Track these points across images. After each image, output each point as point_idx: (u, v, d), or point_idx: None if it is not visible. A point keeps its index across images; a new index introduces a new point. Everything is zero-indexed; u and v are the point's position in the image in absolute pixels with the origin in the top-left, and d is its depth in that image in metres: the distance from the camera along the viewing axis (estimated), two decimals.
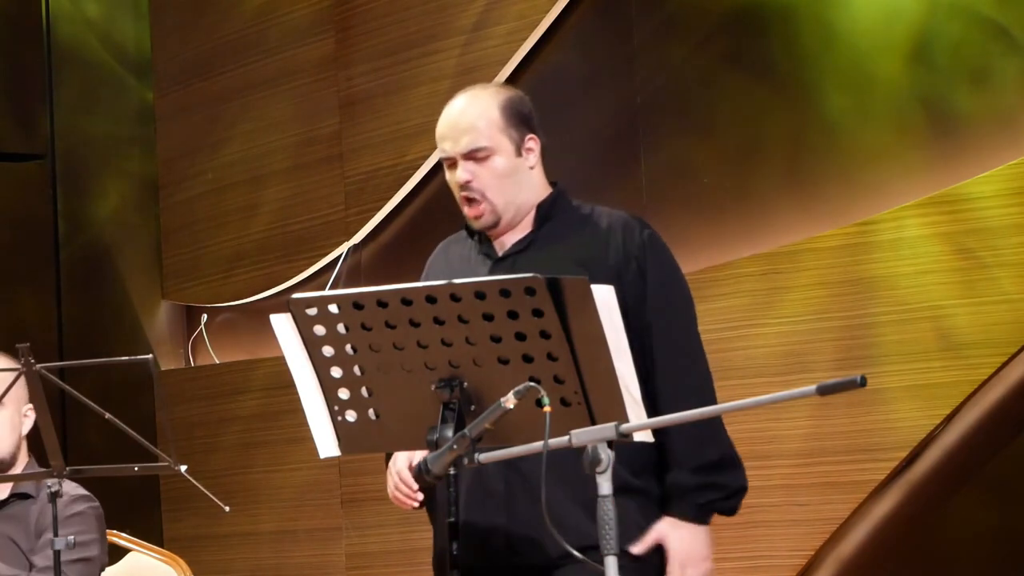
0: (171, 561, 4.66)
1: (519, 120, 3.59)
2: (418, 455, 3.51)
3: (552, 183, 3.66)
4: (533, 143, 3.61)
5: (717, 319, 5.26)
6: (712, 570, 3.51)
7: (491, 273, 3.54)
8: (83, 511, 4.44)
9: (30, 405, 4.44)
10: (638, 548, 3.45)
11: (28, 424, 4.50)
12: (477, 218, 3.58)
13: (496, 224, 3.59)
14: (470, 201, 3.57)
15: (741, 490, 3.55)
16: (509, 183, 3.56)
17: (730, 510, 3.55)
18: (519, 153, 3.58)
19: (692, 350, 3.57)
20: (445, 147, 3.58)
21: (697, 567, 3.48)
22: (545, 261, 3.48)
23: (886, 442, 5.01)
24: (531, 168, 3.60)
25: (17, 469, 4.50)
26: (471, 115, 3.57)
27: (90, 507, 4.48)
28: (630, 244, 3.55)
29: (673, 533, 3.48)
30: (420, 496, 3.55)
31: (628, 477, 3.44)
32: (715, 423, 3.54)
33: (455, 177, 3.58)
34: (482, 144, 3.54)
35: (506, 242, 3.62)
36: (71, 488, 4.47)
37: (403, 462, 3.57)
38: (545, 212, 3.61)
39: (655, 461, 3.54)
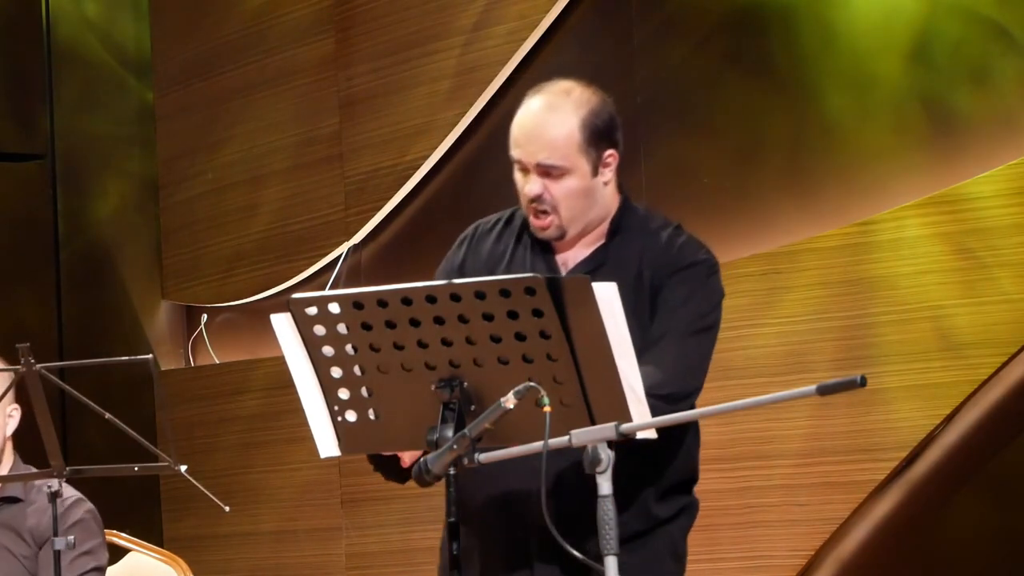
0: (171, 561, 4.65)
1: (599, 137, 3.44)
2: None
3: (618, 185, 3.53)
4: (612, 159, 3.47)
5: None
6: None
7: None
8: (83, 518, 4.40)
9: (15, 405, 4.42)
10: None
11: (12, 424, 4.46)
12: (543, 229, 3.46)
13: (562, 238, 3.48)
14: (538, 213, 3.45)
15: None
16: (581, 202, 3.44)
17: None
18: (595, 172, 3.45)
19: (692, 349, 3.45)
20: (518, 153, 3.45)
21: None
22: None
23: (886, 442, 5.01)
24: (605, 184, 3.48)
25: (3, 470, 4.47)
26: (550, 130, 3.43)
27: (87, 511, 4.43)
28: (678, 263, 3.45)
29: None
30: None
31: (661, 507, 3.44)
32: (694, 371, 3.42)
33: (525, 186, 3.45)
34: (557, 163, 3.41)
35: (570, 256, 3.51)
36: (63, 491, 4.42)
37: None
38: (615, 227, 3.50)
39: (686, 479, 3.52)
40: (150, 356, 4.17)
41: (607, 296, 3.01)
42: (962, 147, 5.00)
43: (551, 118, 3.44)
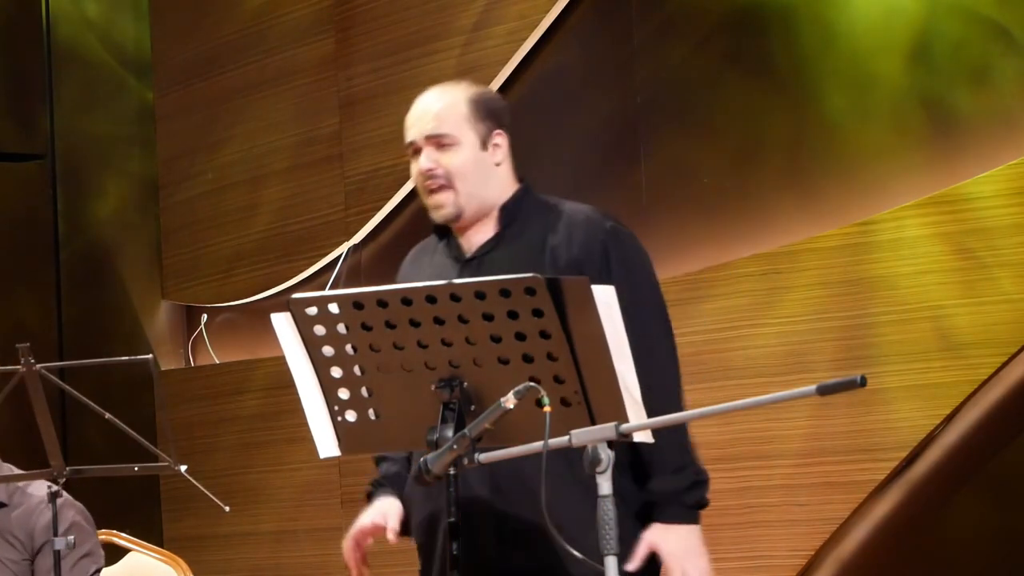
0: (171, 561, 4.65)
1: (487, 114, 3.55)
2: (391, 516, 3.52)
3: (520, 179, 3.61)
4: (500, 139, 3.56)
5: (717, 319, 5.27)
6: (709, 566, 3.47)
7: (460, 276, 3.48)
8: (76, 520, 4.37)
9: None
10: (632, 565, 3.38)
11: None
12: (439, 208, 3.53)
13: (459, 217, 3.53)
14: (432, 191, 3.52)
15: (707, 480, 3.50)
16: (472, 175, 3.52)
17: (706, 502, 3.50)
18: (484, 147, 3.54)
19: (661, 344, 3.49)
20: (410, 134, 3.56)
21: (697, 562, 3.43)
22: (510, 260, 3.44)
23: (886, 442, 5.01)
24: (497, 164, 3.56)
25: None
26: (437, 105, 3.55)
27: (79, 512, 4.40)
28: (592, 237, 3.49)
29: (667, 536, 3.42)
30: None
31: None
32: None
33: (419, 165, 3.54)
34: (445, 131, 3.52)
35: (473, 243, 3.56)
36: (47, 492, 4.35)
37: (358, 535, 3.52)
38: (511, 210, 3.56)
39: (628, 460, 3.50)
40: (150, 356, 4.17)
41: (605, 299, 3.02)
42: (962, 147, 5.00)
43: (439, 98, 3.59)
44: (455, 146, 3.52)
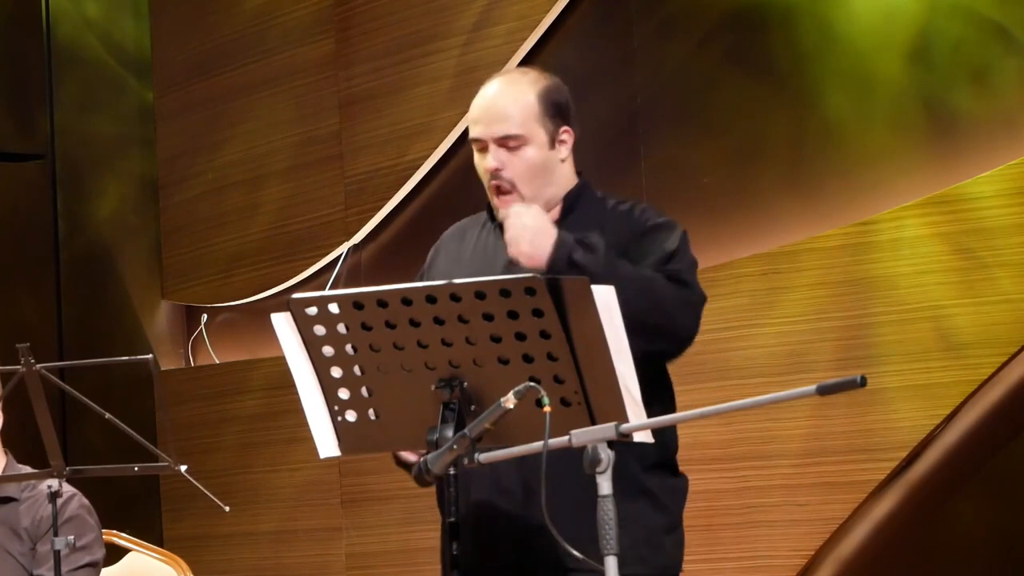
0: (171, 561, 4.65)
1: (555, 111, 3.50)
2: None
3: (577, 172, 3.57)
4: (567, 135, 3.51)
5: (717, 319, 5.26)
6: (535, 253, 3.31)
7: (511, 263, 3.44)
8: (77, 514, 4.38)
9: None
10: None
11: None
12: (504, 207, 3.47)
13: None
14: (499, 190, 3.48)
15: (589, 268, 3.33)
16: (539, 175, 3.48)
17: (576, 263, 3.33)
18: (552, 145, 3.49)
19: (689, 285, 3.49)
20: (477, 130, 3.49)
21: (535, 240, 3.30)
22: None
23: (886, 442, 5.01)
24: (562, 161, 3.51)
25: None
26: (507, 101, 3.48)
27: (81, 507, 4.42)
28: (641, 223, 3.48)
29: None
30: None
31: (639, 473, 3.41)
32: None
33: (485, 162, 3.48)
34: (515, 132, 3.45)
35: None
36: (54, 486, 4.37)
37: None
38: (570, 205, 3.53)
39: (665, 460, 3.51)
40: (150, 356, 4.17)
41: (605, 299, 3.02)
42: (962, 147, 5.00)
43: (509, 91, 3.51)
44: (524, 146, 3.47)
